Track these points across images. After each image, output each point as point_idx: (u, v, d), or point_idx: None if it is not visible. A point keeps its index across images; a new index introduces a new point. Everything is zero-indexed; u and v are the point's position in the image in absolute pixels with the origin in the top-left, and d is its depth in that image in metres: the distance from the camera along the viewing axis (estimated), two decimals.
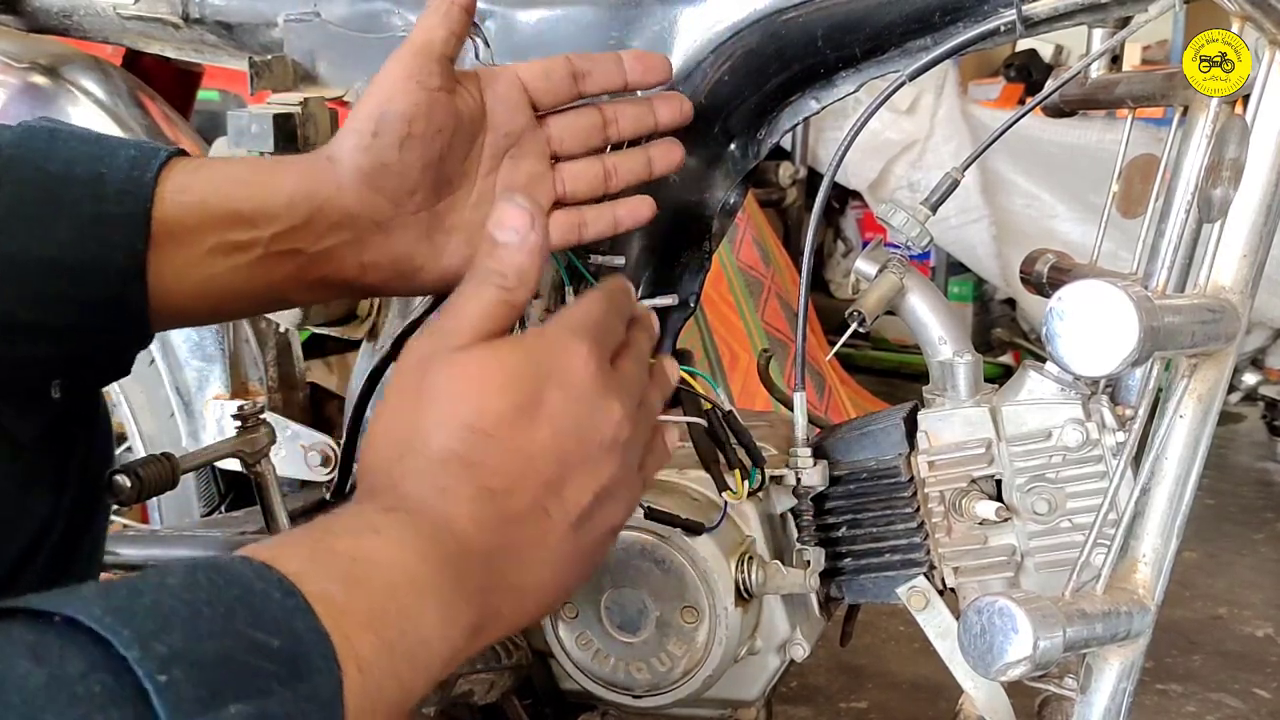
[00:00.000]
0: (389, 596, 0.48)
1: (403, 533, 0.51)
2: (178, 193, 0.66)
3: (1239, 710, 1.86)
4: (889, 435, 0.82)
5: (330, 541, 0.49)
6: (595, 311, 0.62)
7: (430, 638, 0.50)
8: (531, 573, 0.57)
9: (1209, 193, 0.67)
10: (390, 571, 0.49)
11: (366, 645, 0.46)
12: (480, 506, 0.54)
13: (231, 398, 1.23)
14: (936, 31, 0.80)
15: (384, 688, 0.46)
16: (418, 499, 0.54)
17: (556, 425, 0.57)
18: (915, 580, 0.82)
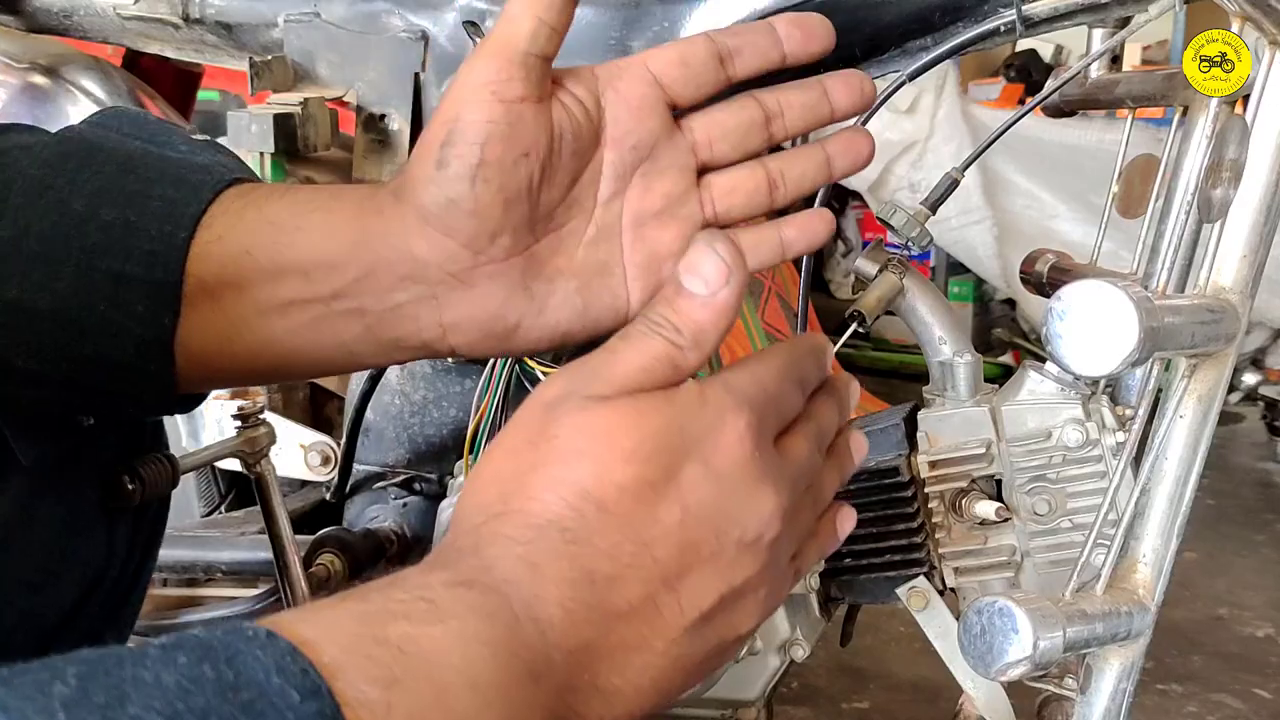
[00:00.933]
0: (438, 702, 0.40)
1: (470, 621, 0.42)
2: (218, 244, 0.56)
3: (1239, 710, 1.86)
4: (889, 435, 0.82)
5: (380, 627, 0.40)
6: (769, 377, 0.51)
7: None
8: (628, 677, 0.47)
9: (1209, 193, 0.67)
10: (447, 671, 0.40)
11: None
12: (577, 592, 0.45)
13: (231, 398, 1.23)
14: (936, 31, 0.80)
15: None
16: (502, 573, 0.44)
17: (689, 509, 0.47)
18: (915, 580, 0.82)
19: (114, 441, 0.65)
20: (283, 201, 0.58)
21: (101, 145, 0.58)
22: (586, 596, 0.45)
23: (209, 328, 0.56)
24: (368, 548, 0.94)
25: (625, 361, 0.48)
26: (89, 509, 0.66)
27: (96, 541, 0.67)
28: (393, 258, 0.56)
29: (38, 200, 0.55)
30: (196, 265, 0.56)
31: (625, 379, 0.48)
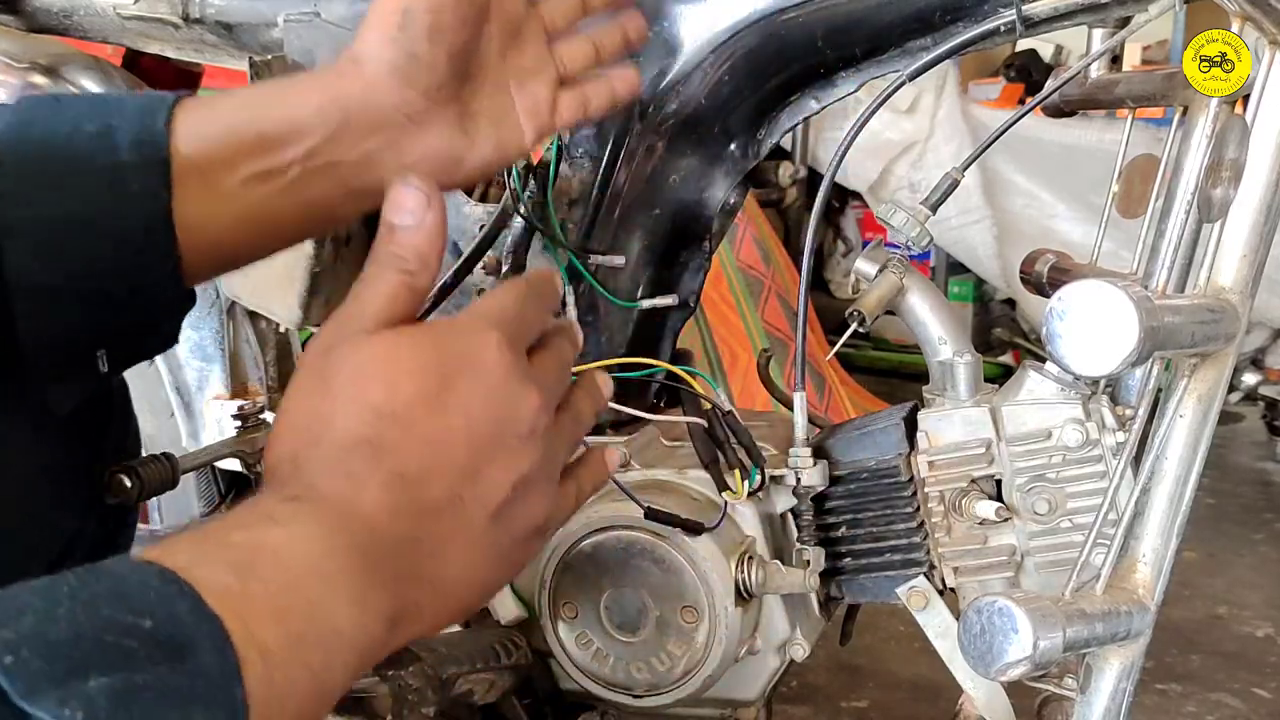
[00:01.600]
0: (292, 587, 0.47)
1: (305, 523, 0.49)
2: (198, 128, 0.64)
3: (1239, 710, 1.86)
4: (889, 435, 0.82)
5: (224, 535, 0.47)
6: (509, 301, 0.60)
7: (343, 628, 0.48)
8: (450, 566, 0.55)
9: (1209, 193, 0.67)
10: (292, 562, 0.47)
11: (270, 635, 0.44)
12: (391, 493, 0.52)
13: (231, 398, 1.23)
14: (936, 31, 0.80)
15: (294, 677, 0.45)
16: (324, 487, 0.52)
17: (469, 412, 0.55)
18: (915, 580, 0.82)
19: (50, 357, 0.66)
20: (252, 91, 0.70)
21: (59, 96, 0.67)
22: (400, 495, 0.53)
23: (202, 203, 0.64)
24: None
25: (373, 298, 0.57)
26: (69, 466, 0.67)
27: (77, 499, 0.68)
28: (359, 111, 0.66)
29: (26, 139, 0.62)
30: (183, 146, 0.63)
31: (379, 311, 0.56)
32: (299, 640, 0.46)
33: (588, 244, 0.89)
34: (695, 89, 0.87)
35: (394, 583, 0.52)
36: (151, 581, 0.42)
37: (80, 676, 0.38)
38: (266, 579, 0.46)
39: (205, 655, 0.41)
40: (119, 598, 0.41)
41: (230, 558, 0.46)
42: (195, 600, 0.42)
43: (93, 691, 0.38)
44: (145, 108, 0.64)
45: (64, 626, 0.39)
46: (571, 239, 0.89)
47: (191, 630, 0.42)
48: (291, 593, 0.46)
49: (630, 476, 0.85)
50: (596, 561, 0.81)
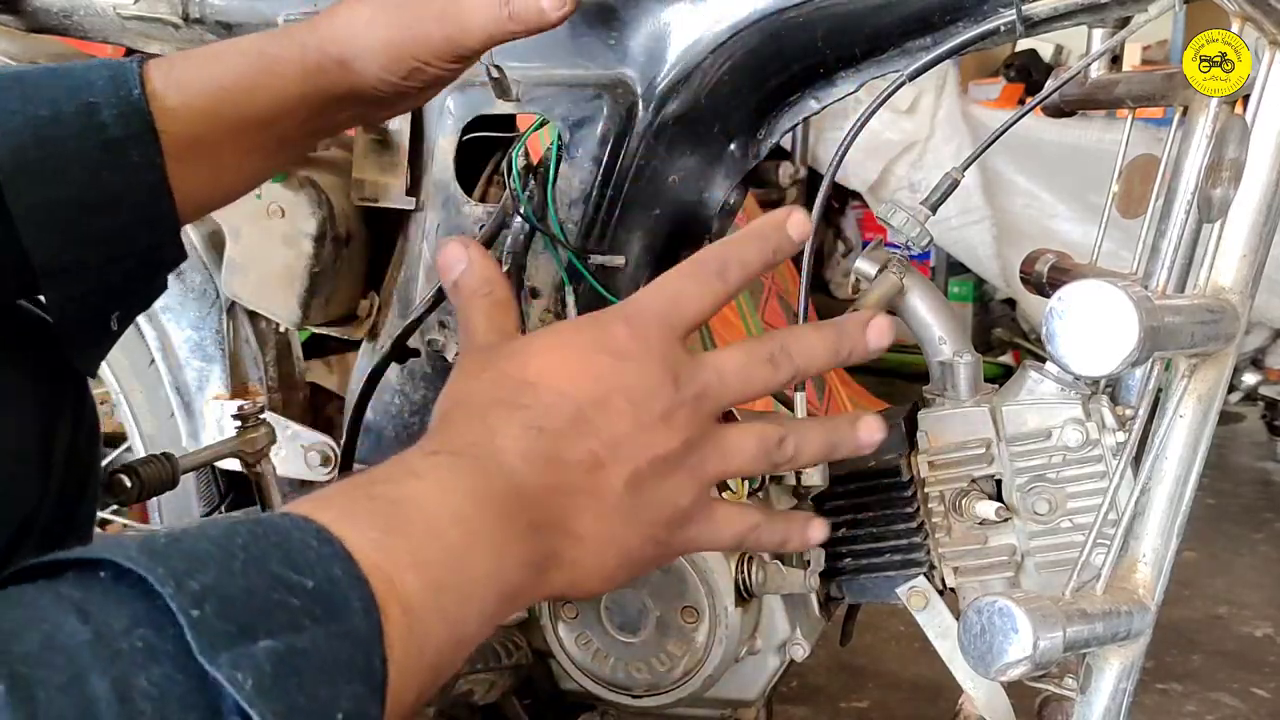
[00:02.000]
0: (432, 537, 0.49)
1: (445, 474, 0.52)
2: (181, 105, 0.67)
3: (1239, 710, 1.86)
4: (889, 435, 0.82)
5: (369, 489, 0.50)
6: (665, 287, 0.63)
7: (481, 575, 0.50)
8: (587, 522, 0.56)
9: (1209, 193, 0.67)
10: (432, 512, 0.49)
11: (411, 586, 0.46)
12: (529, 442, 0.55)
13: (231, 398, 1.23)
14: (936, 31, 0.80)
15: (431, 626, 0.47)
16: (465, 440, 0.54)
17: (609, 384, 0.57)
18: (915, 580, 0.82)
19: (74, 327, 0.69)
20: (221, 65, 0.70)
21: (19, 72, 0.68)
22: (539, 446, 0.55)
23: (193, 177, 0.68)
24: None
25: (477, 323, 0.62)
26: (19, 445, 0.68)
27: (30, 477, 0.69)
28: (343, 98, 0.72)
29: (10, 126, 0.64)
30: (167, 125, 0.66)
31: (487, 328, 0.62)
32: (438, 589, 0.47)
33: (588, 244, 0.89)
34: (695, 89, 0.87)
35: (531, 529, 0.53)
36: (311, 541, 0.45)
37: (250, 637, 0.40)
38: (409, 531, 0.48)
39: (355, 619, 0.43)
40: (286, 556, 0.43)
41: (375, 510, 0.48)
42: (349, 563, 0.44)
43: (260, 656, 0.40)
44: (116, 79, 0.66)
45: (240, 582, 0.41)
46: (571, 239, 0.89)
47: (345, 591, 0.44)
48: (431, 544, 0.48)
49: None
50: None
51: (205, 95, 0.68)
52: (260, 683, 0.39)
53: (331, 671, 0.42)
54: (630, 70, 0.88)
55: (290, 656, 0.41)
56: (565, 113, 0.88)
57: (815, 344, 0.64)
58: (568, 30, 0.90)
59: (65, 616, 0.38)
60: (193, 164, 0.68)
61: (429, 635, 0.47)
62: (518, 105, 0.90)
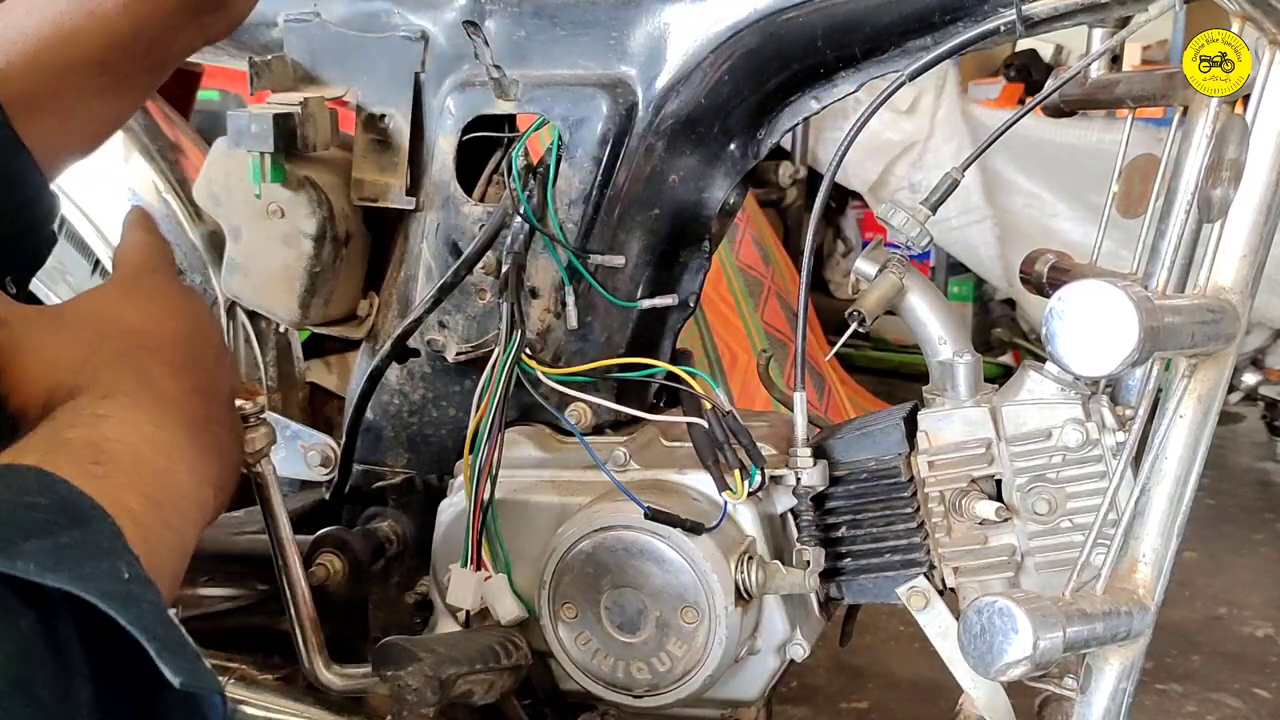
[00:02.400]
0: (139, 463, 0.54)
1: (129, 412, 0.58)
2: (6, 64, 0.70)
3: (1239, 710, 1.86)
4: (889, 435, 0.82)
5: (59, 436, 0.54)
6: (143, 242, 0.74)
7: (187, 492, 0.57)
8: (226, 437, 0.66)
9: (1209, 193, 0.67)
10: (132, 443, 0.55)
11: (133, 502, 0.51)
12: (176, 379, 0.63)
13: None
14: (936, 31, 0.80)
15: (162, 537, 0.52)
16: (129, 384, 0.60)
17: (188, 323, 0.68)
18: (915, 580, 0.82)
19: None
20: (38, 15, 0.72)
21: None
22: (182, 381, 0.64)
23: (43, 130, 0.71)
24: (367, 547, 0.94)
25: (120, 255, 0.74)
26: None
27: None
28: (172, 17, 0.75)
29: None
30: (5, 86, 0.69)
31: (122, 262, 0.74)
32: (158, 505, 0.53)
33: (588, 244, 0.89)
34: (695, 89, 0.87)
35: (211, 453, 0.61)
36: (28, 474, 0.48)
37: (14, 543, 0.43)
38: (117, 461, 0.53)
39: (97, 524, 0.47)
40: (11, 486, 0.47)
41: (80, 449, 0.53)
42: (69, 485, 0.48)
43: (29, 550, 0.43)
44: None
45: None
46: (571, 239, 0.88)
47: (78, 501, 0.48)
48: (141, 466, 0.54)
49: (630, 476, 0.85)
50: (596, 562, 0.81)
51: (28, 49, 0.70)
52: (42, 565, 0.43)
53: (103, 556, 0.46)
54: (630, 70, 0.88)
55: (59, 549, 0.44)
56: (565, 113, 0.88)
57: None
58: (568, 30, 0.90)
59: None
60: (37, 118, 0.70)
61: (160, 543, 0.52)
62: (518, 105, 0.90)
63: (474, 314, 0.93)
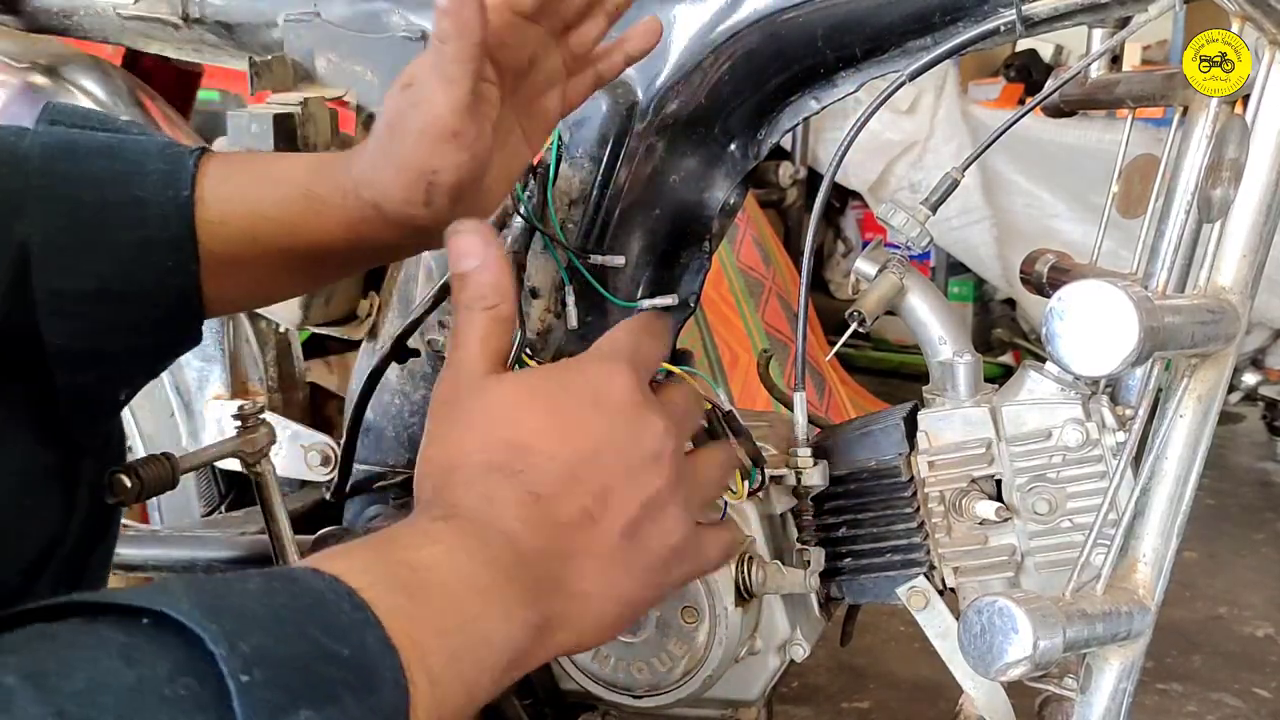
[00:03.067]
0: (452, 603, 0.49)
1: (458, 538, 0.53)
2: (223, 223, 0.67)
3: (1239, 710, 1.86)
4: (889, 435, 0.82)
5: (393, 553, 0.50)
6: (626, 337, 0.63)
7: (492, 638, 0.51)
8: (588, 579, 0.57)
9: (1209, 193, 0.67)
10: (452, 578, 0.50)
11: (434, 656, 0.47)
12: (527, 510, 0.55)
13: (231, 398, 1.23)
14: (936, 31, 0.80)
15: (452, 694, 0.48)
16: (467, 507, 0.55)
17: (595, 436, 0.58)
18: (915, 580, 0.82)
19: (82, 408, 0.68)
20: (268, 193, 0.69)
21: (75, 141, 0.67)
22: (534, 511, 0.56)
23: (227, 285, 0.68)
24: None
25: (472, 341, 0.60)
26: (44, 468, 0.68)
27: (53, 503, 0.68)
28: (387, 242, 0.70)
29: (51, 204, 0.63)
30: (207, 238, 0.66)
31: (481, 350, 0.60)
32: (457, 658, 0.48)
33: (588, 244, 0.89)
34: (695, 89, 0.87)
35: (536, 594, 0.54)
36: (345, 606, 0.45)
37: (294, 707, 0.40)
38: (431, 599, 0.49)
39: (386, 690, 0.44)
40: (323, 620, 0.43)
41: (401, 578, 0.49)
42: (380, 631, 0.45)
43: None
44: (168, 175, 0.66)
45: (285, 648, 0.41)
46: (571, 239, 0.89)
47: (377, 661, 0.44)
48: (451, 610, 0.49)
49: None
50: None
51: (249, 219, 0.67)
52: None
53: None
54: (630, 70, 0.88)
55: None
56: None
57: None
58: None
59: (110, 659, 0.38)
60: (228, 277, 0.68)
61: (448, 703, 0.47)
62: None
63: None
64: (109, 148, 0.67)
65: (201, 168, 0.67)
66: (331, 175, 0.69)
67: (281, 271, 0.71)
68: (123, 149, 0.67)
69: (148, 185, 0.65)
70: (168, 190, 0.65)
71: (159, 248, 0.65)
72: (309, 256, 0.70)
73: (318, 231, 0.69)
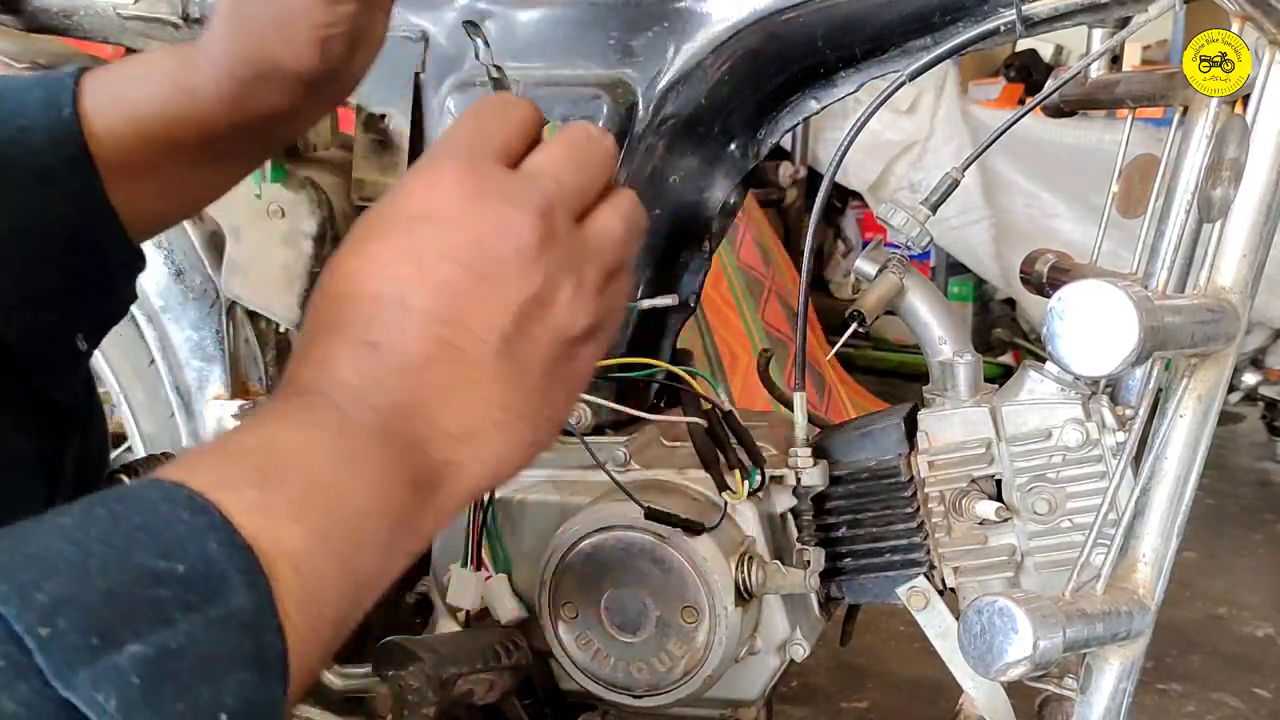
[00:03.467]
0: (309, 481, 0.45)
1: (302, 413, 0.48)
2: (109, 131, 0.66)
3: (1239, 710, 1.86)
4: (889, 435, 0.82)
5: (242, 441, 0.47)
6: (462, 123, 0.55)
7: (366, 508, 0.46)
8: (468, 414, 0.50)
9: (1209, 193, 0.67)
10: (306, 454, 0.46)
11: (296, 539, 0.43)
12: (362, 364, 0.49)
13: (231, 398, 1.23)
14: (936, 31, 0.80)
15: (325, 576, 0.44)
16: (306, 377, 0.50)
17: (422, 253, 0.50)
18: (915, 580, 0.82)
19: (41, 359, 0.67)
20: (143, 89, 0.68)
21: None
22: (374, 361, 0.49)
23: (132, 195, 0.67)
24: None
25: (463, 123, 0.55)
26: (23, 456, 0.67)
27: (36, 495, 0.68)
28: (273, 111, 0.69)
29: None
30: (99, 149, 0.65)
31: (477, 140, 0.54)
32: (325, 535, 0.44)
33: None
34: (695, 89, 0.87)
35: (406, 449, 0.49)
36: (182, 514, 0.41)
37: (114, 645, 0.36)
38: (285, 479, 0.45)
39: (238, 595, 0.40)
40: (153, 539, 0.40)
41: (248, 465, 0.45)
42: (227, 531, 0.41)
43: (125, 666, 0.36)
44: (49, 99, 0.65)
45: (97, 582, 0.38)
46: None
47: (223, 567, 0.40)
48: (311, 488, 0.45)
49: (630, 476, 0.85)
50: (596, 562, 0.81)
51: (131, 123, 0.67)
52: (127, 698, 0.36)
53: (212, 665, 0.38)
54: (630, 70, 0.88)
55: (161, 660, 0.37)
56: (565, 113, 0.88)
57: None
58: (568, 30, 0.90)
59: None
60: (133, 185, 0.67)
61: (325, 587, 0.44)
62: None
63: None
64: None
65: (81, 85, 0.66)
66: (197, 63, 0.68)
67: (186, 168, 0.70)
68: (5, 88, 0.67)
69: (30, 113, 0.64)
70: (50, 113, 0.64)
71: (57, 172, 0.64)
72: (205, 146, 0.68)
73: (203, 118, 0.67)
